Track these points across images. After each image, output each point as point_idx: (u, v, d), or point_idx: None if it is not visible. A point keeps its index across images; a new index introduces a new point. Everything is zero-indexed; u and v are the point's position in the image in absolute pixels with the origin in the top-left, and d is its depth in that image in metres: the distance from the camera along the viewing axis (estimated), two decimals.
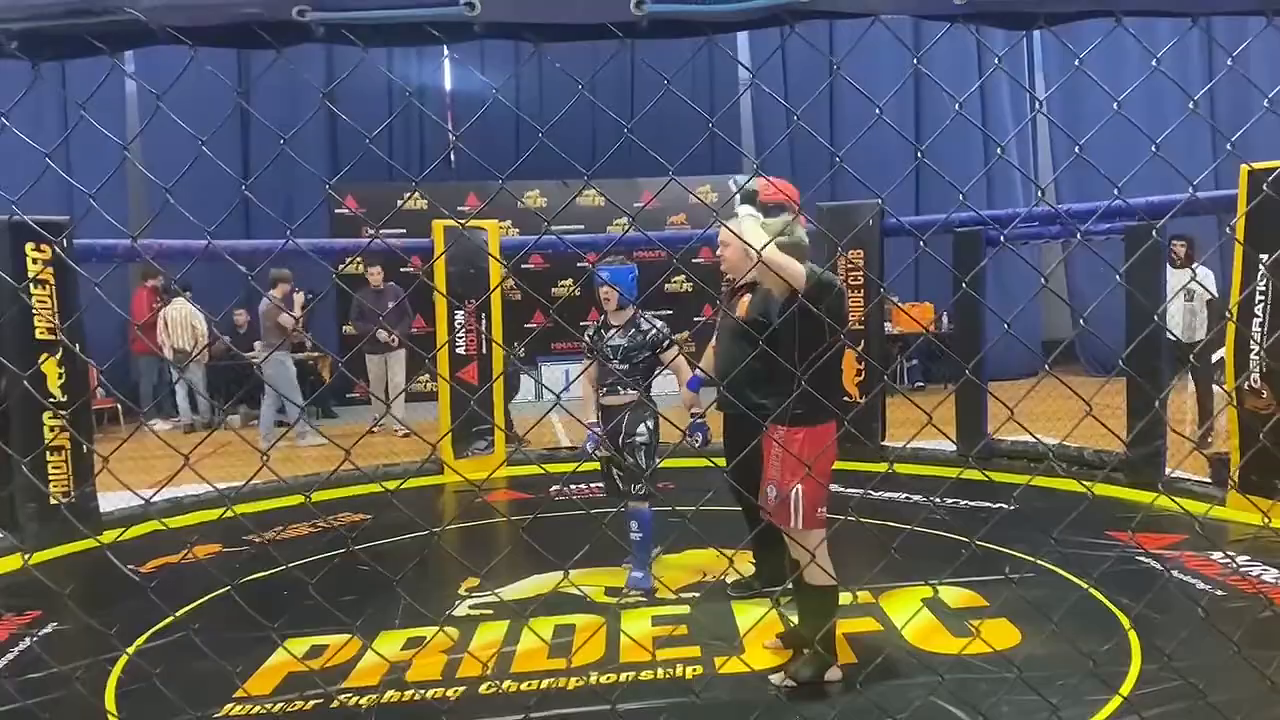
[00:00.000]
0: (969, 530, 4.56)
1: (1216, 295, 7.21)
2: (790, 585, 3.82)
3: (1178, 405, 8.21)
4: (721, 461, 4.38)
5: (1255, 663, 3.08)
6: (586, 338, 4.89)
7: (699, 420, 4.60)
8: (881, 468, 5.45)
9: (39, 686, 3.73)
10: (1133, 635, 3.87)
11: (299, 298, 9.42)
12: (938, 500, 6.07)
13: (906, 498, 6.23)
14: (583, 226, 12.56)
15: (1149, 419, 6.13)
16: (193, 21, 1.28)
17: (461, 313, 7.80)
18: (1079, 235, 5.49)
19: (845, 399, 3.87)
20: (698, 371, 4.72)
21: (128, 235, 3.69)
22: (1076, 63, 1.61)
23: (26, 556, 5.39)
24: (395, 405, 9.61)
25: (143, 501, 1.69)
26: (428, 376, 12.50)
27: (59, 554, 5.61)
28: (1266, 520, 3.09)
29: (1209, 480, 6.22)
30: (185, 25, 1.26)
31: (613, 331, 4.76)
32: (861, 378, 7.70)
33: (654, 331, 4.72)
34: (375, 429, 9.24)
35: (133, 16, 1.23)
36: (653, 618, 4.38)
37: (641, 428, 4.68)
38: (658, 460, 4.75)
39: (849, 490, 5.99)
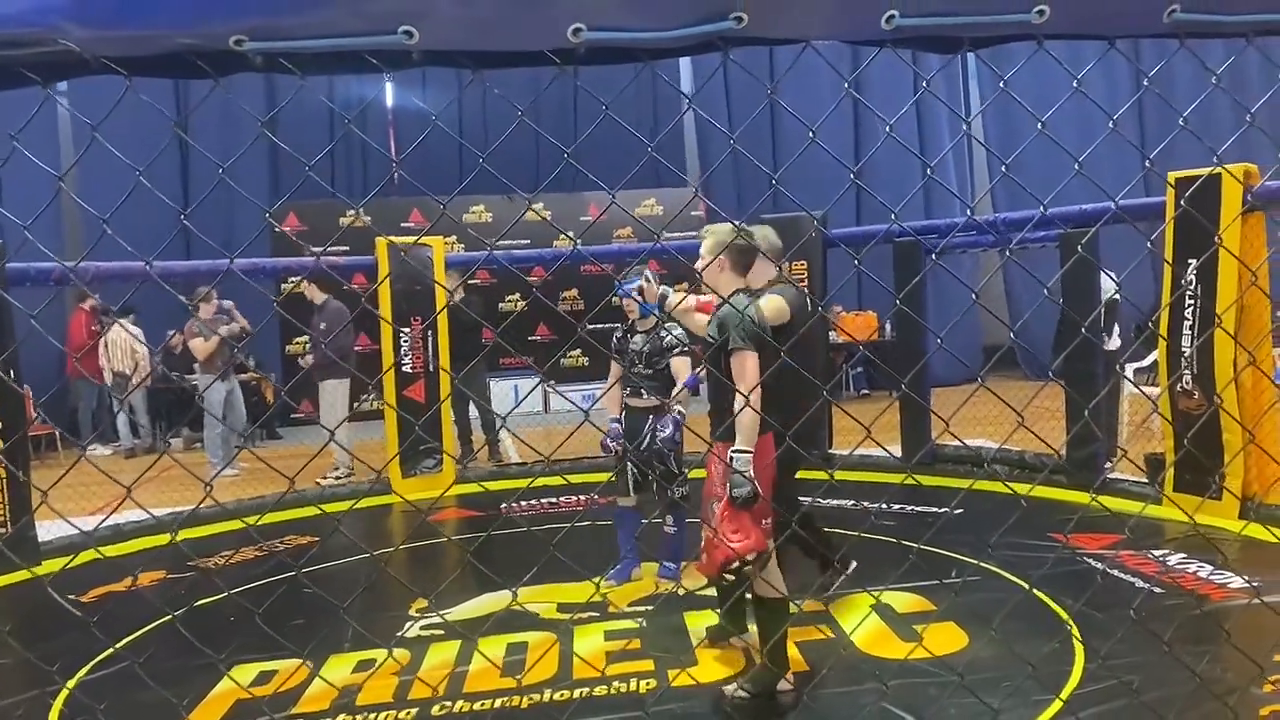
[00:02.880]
0: (915, 536, 4.65)
1: (1117, 299, 7.39)
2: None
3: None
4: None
5: (1189, 658, 3.18)
6: (615, 339, 5.14)
7: (676, 415, 4.84)
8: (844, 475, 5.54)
9: None
10: (1075, 635, 3.97)
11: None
12: (883, 506, 6.16)
13: (854, 504, 6.30)
14: (528, 241, 12.55)
15: (1085, 422, 6.26)
16: (128, 52, 1.27)
17: (407, 331, 7.75)
18: (1009, 249, 5.61)
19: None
20: (699, 373, 4.79)
21: (64, 263, 3.61)
22: (1002, 84, 1.66)
23: None
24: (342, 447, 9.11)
25: (83, 535, 1.66)
26: (372, 394, 12.38)
27: None
28: (1192, 519, 3.20)
29: (1146, 481, 6.37)
30: (120, 55, 1.26)
31: (637, 336, 5.00)
32: None
33: (670, 338, 4.91)
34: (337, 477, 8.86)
35: (66, 47, 1.23)
36: (605, 633, 4.38)
37: (668, 433, 4.86)
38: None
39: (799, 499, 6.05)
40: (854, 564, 4.68)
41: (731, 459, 3.33)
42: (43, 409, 11.00)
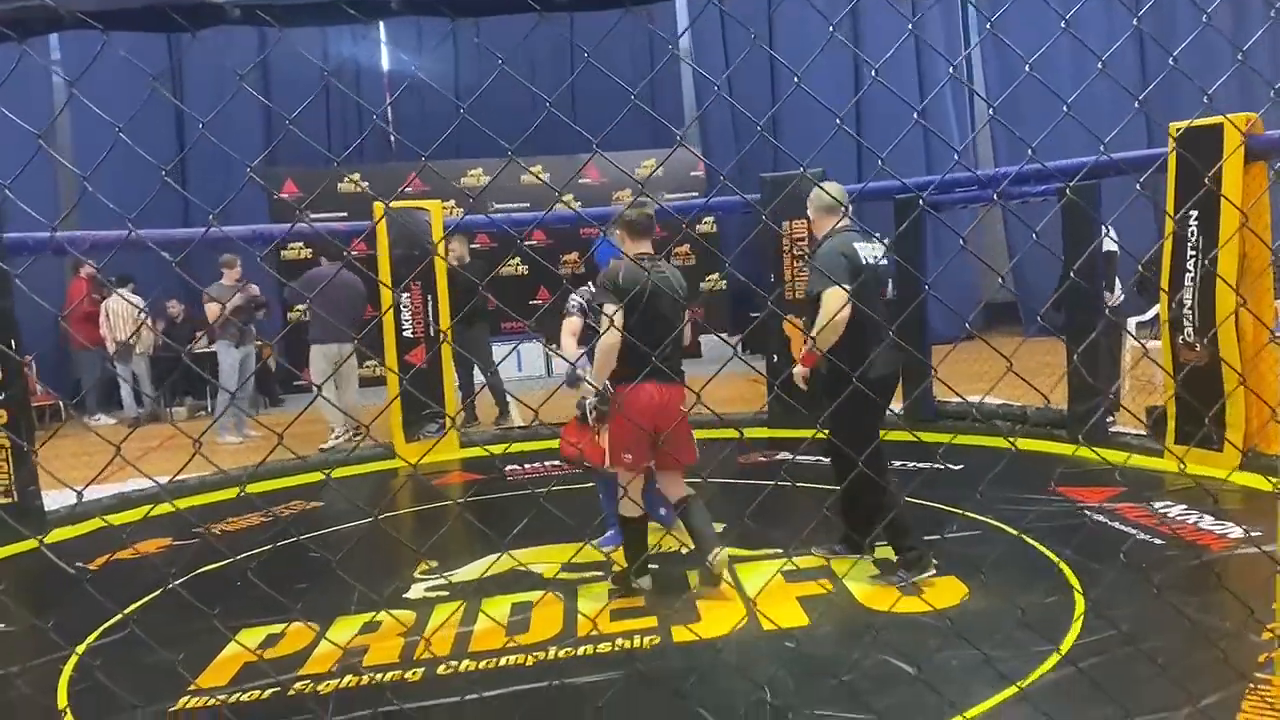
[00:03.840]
0: (914, 492, 4.66)
1: (1116, 252, 7.34)
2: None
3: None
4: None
5: (1188, 607, 3.20)
6: (581, 301, 5.03)
7: None
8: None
9: None
10: (1075, 586, 3.99)
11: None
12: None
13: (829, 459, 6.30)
14: (528, 204, 12.50)
15: (1079, 372, 6.26)
16: (104, 6, 1.25)
17: (407, 295, 7.75)
18: (998, 193, 5.58)
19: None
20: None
21: (50, 226, 3.57)
22: (989, 25, 1.64)
23: None
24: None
25: (77, 497, 1.67)
26: (374, 360, 12.41)
27: (6, 554, 5.51)
28: (1183, 465, 3.21)
29: (1148, 433, 6.37)
30: (96, 10, 1.24)
31: None
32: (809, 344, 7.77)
33: None
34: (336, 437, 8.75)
35: (41, 2, 1.21)
36: (609, 591, 4.41)
37: None
38: None
39: (802, 457, 6.10)
40: (932, 571, 4.23)
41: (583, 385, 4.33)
42: (46, 378, 11.04)
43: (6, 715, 3.43)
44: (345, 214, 11.82)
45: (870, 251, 4.30)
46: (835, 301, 4.06)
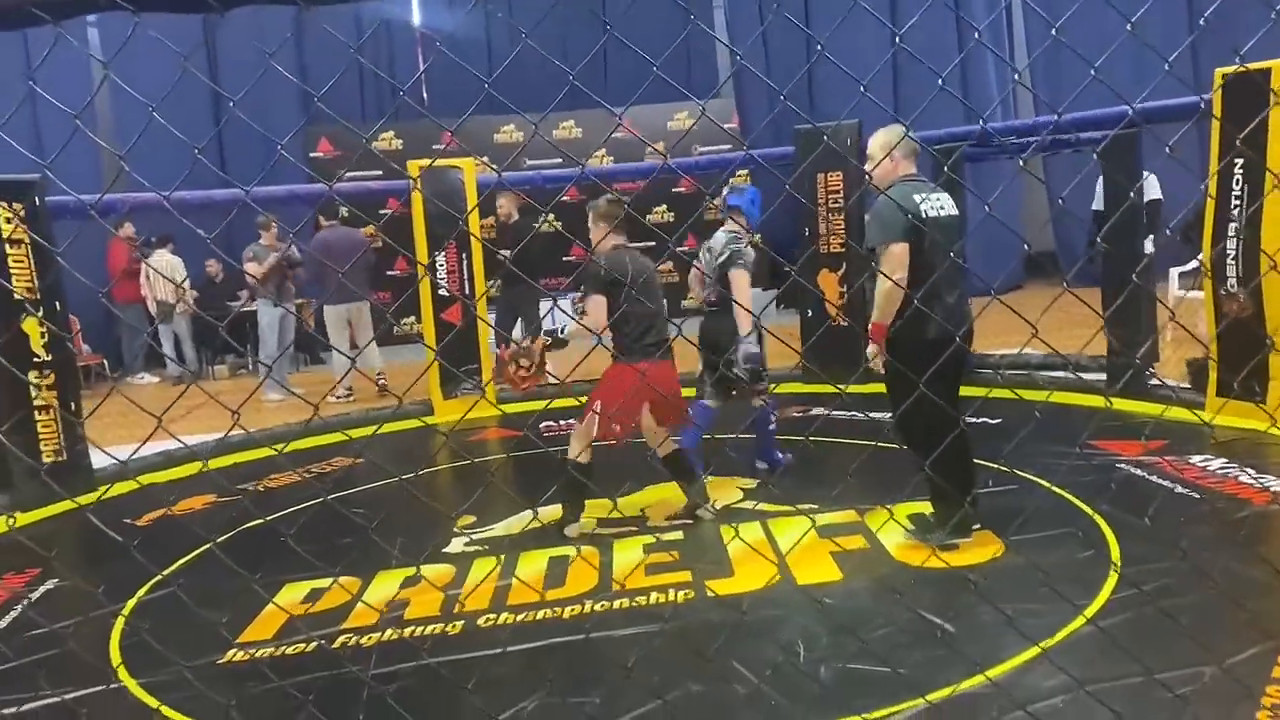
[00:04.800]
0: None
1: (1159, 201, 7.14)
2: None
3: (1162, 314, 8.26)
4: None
5: (1228, 562, 3.18)
6: (740, 248, 5.16)
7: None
8: (868, 389, 5.28)
9: (41, 643, 3.73)
10: (1112, 541, 3.97)
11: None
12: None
13: (890, 417, 6.28)
14: (560, 160, 12.44)
15: (1110, 327, 6.18)
16: None
17: (442, 254, 7.78)
18: (1023, 165, 5.49)
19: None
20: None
21: (97, 194, 3.64)
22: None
23: (11, 520, 5.35)
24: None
25: (121, 463, 1.72)
26: (412, 318, 12.51)
27: (59, 510, 5.66)
28: (1195, 415, 3.17)
29: (1189, 386, 6.29)
30: None
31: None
32: (843, 299, 7.74)
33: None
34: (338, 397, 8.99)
35: None
36: (644, 546, 4.46)
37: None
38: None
39: (838, 413, 6.10)
40: (969, 537, 4.11)
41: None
42: (92, 339, 11.25)
43: (63, 666, 3.55)
44: (380, 172, 11.85)
45: (934, 203, 4.00)
46: (893, 261, 3.83)
